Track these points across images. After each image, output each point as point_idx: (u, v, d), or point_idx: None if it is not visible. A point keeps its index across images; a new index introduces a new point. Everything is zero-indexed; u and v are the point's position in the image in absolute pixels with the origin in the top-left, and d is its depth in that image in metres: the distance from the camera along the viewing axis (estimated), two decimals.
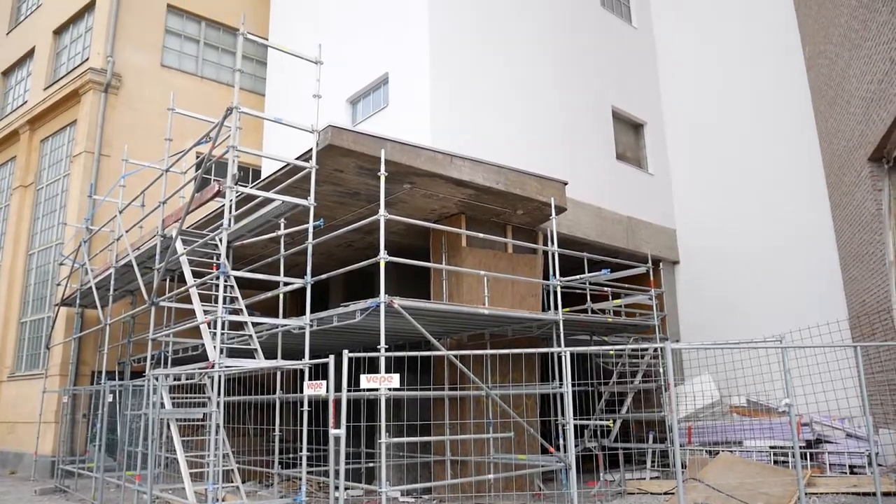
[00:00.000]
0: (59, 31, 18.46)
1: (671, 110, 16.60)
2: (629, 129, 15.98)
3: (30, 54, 19.29)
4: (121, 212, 11.64)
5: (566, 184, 10.85)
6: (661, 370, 11.18)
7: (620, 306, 11.93)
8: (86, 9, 17.45)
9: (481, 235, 9.64)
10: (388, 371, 7.28)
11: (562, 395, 7.87)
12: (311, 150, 8.01)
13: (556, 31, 14.54)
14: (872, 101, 9.60)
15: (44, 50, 18.50)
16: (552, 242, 10.05)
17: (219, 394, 7.75)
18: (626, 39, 16.51)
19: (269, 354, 8.53)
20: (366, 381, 6.98)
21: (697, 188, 15.76)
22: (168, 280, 11.03)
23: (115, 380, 12.04)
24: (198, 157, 13.71)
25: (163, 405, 8.35)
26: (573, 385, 7.72)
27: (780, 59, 14.46)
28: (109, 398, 11.04)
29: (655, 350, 11.31)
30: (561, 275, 10.02)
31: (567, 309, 10.56)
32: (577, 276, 10.95)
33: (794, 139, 13.97)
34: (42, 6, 19.52)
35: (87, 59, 16.51)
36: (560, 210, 10.53)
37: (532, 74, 13.67)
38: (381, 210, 7.79)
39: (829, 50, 11.84)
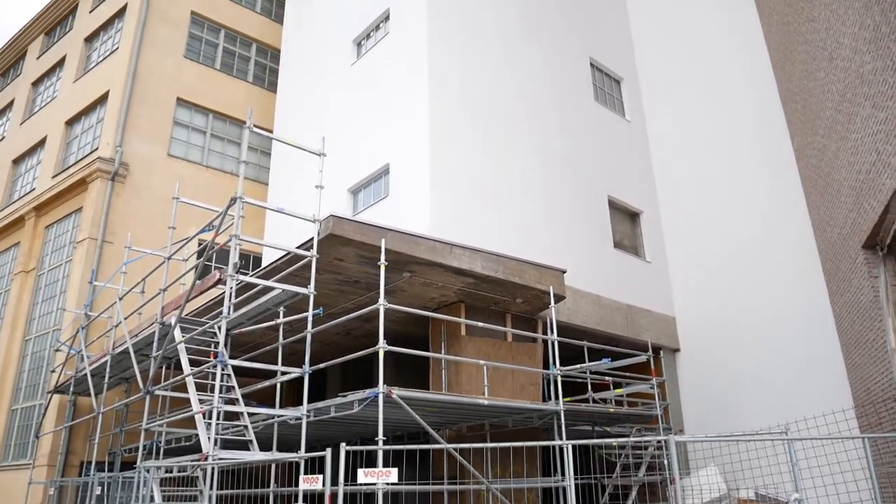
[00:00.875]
0: (71, 122, 19.09)
1: (666, 199, 16.93)
2: (626, 218, 16.24)
3: (41, 143, 19.86)
4: (121, 298, 11.67)
5: (565, 272, 10.93)
6: (665, 462, 10.89)
7: (622, 396, 11.76)
8: (98, 101, 18.10)
9: (480, 324, 9.63)
10: (385, 464, 7.10)
11: (564, 489, 7.65)
12: (312, 239, 8.12)
13: (552, 124, 15.02)
14: (862, 191, 9.80)
15: (55, 139, 19.06)
16: (552, 331, 10.02)
17: (211, 487, 7.52)
18: (619, 131, 17.04)
19: (265, 445, 8.34)
20: (363, 475, 6.79)
21: (695, 276, 15.85)
22: (164, 368, 10.93)
23: (104, 471, 11.69)
24: (200, 245, 13.87)
25: (152, 498, 8.09)
26: (576, 478, 7.52)
27: (770, 148, 14.87)
28: (97, 490, 10.69)
29: (659, 442, 11.05)
30: (561, 363, 9.94)
31: (568, 398, 10.41)
32: (578, 366, 10.85)
33: (788, 227, 14.17)
34: (57, 98, 20.27)
35: (96, 149, 16.98)
36: (559, 298, 10.56)
37: (529, 165, 14.02)
38: (381, 299, 7.82)
39: (816, 141, 12.19)
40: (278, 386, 8.80)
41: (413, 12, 13.96)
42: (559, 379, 9.73)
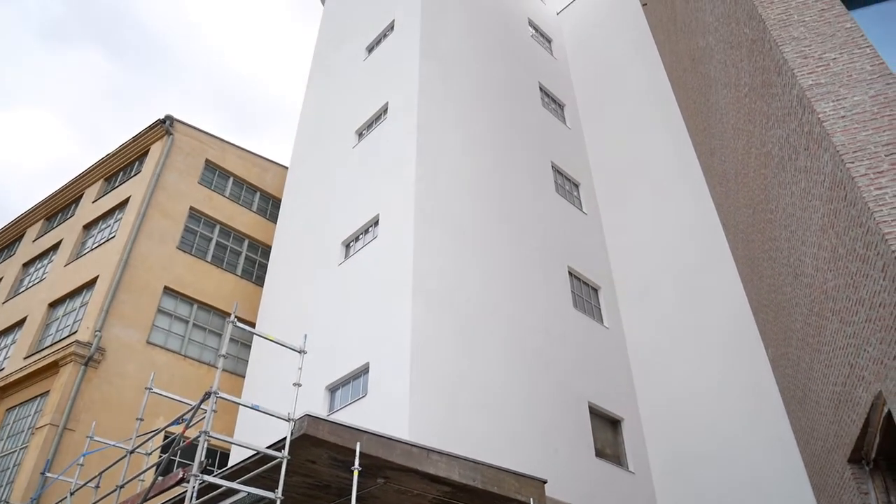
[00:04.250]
0: (54, 304, 19.12)
1: (647, 406, 16.74)
2: (607, 426, 15.91)
3: (20, 323, 19.68)
4: (72, 493, 10.89)
5: (545, 482, 10.48)
6: None
7: None
8: (86, 285, 18.30)
9: None
10: None
11: None
12: (284, 438, 7.85)
13: (532, 330, 15.26)
14: (840, 403, 9.79)
15: (35, 320, 18.94)
16: None
17: None
18: (598, 338, 17.29)
19: None
20: None
21: (682, 487, 15.21)
22: None
23: None
24: (166, 439, 13.30)
25: None
26: None
27: (747, 355, 15.06)
28: None
29: None
30: None
31: None
32: None
33: (774, 437, 13.94)
34: (45, 280, 20.49)
35: (75, 332, 16.83)
36: None
37: (510, 370, 14.02)
38: None
39: (790, 353, 12.40)
40: None
41: (401, 219, 14.80)
42: None
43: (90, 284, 18.14)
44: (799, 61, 8.19)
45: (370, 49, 21.83)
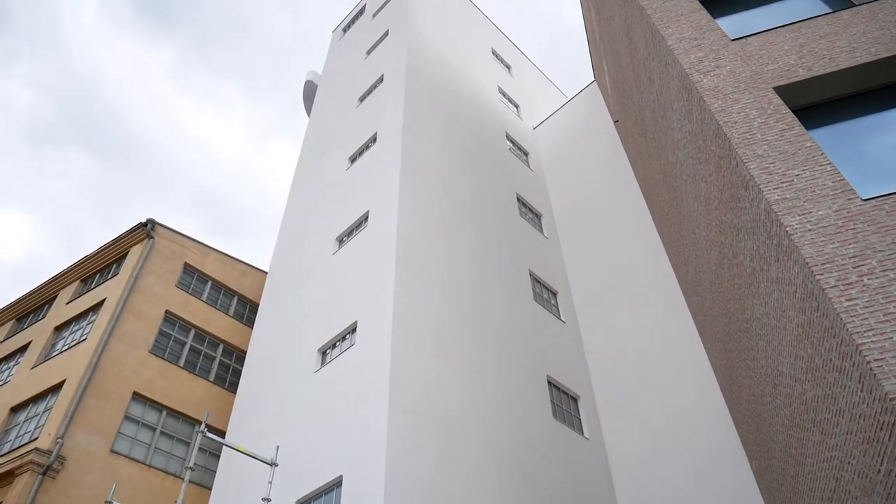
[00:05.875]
0: (16, 409, 18.32)
1: None
2: None
3: None
4: None
5: None
6: None
7: None
8: (51, 389, 17.66)
9: None
10: None
11: None
12: None
13: (510, 443, 14.83)
14: None
15: None
16: None
17: None
18: (579, 450, 16.83)
19: None
20: None
21: None
22: None
23: None
24: None
25: None
26: None
27: (732, 469, 14.74)
28: None
29: None
30: None
31: None
32: None
33: None
34: (9, 383, 19.75)
35: (35, 439, 16.07)
36: None
37: (487, 486, 13.47)
38: None
39: (773, 465, 12.18)
40: None
41: (379, 327, 14.69)
42: None
43: (56, 388, 17.52)
44: (764, 177, 8.58)
45: (353, 159, 22.52)
